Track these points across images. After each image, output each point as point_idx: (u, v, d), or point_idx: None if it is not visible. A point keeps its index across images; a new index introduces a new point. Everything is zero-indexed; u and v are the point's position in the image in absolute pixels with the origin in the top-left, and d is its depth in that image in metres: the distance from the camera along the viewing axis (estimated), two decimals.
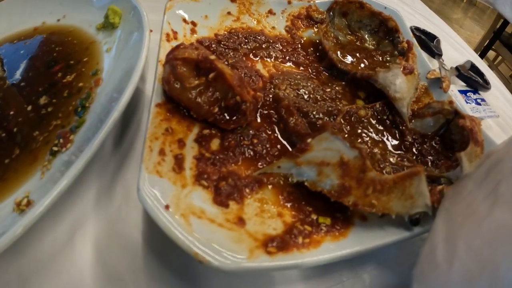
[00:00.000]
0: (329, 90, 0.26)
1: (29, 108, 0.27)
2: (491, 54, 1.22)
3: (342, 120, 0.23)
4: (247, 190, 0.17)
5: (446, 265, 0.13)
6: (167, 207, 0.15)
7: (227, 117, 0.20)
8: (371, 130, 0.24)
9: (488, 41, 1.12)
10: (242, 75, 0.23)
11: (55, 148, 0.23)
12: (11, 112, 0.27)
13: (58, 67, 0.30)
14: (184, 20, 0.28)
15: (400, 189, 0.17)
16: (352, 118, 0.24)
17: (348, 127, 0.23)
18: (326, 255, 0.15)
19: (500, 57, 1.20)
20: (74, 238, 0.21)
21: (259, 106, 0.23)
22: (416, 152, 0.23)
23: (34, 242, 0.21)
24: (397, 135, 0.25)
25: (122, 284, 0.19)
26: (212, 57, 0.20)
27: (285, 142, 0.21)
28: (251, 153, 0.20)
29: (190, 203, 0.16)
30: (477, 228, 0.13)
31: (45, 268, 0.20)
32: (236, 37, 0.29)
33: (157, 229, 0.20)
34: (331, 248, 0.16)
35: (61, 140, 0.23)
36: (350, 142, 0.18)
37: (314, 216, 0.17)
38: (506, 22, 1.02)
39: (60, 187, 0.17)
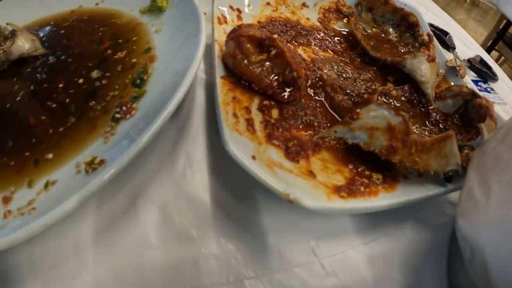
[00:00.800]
0: (363, 74, 0.30)
1: (81, 81, 0.27)
2: (494, 54, 1.23)
3: (378, 98, 0.26)
4: (310, 151, 0.20)
5: (484, 199, 0.16)
6: (253, 157, 0.18)
7: (284, 91, 0.23)
8: (402, 108, 0.27)
9: (491, 41, 1.14)
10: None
11: (117, 115, 0.23)
12: (60, 85, 0.27)
13: (107, 44, 0.31)
14: (231, 7, 0.31)
15: (436, 149, 0.21)
16: (386, 97, 0.27)
17: (383, 105, 0.27)
18: (386, 201, 0.18)
19: (503, 58, 1.22)
20: (137, 203, 0.21)
21: (307, 84, 0.26)
22: (441, 127, 0.27)
23: (92, 209, 0.21)
24: (424, 113, 0.28)
25: (192, 241, 0.20)
26: (275, 36, 0.23)
27: (334, 113, 0.24)
28: (307, 121, 0.23)
29: (269, 157, 0.19)
30: (505, 169, 0.16)
31: (105, 233, 0.20)
32: (277, 24, 0.32)
33: (224, 188, 0.22)
34: (388, 197, 0.19)
35: (123, 108, 0.23)
36: (395, 110, 0.21)
37: (367, 172, 0.20)
38: (509, 23, 1.02)
39: (142, 142, 0.18)
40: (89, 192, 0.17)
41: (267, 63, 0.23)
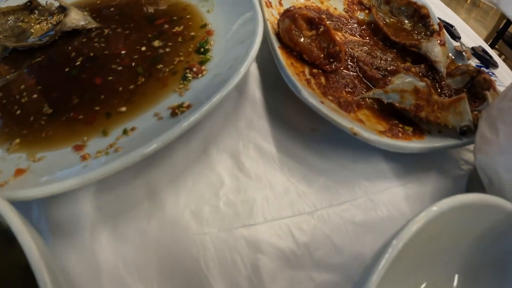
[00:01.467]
0: (386, 54, 0.35)
1: (143, 48, 0.28)
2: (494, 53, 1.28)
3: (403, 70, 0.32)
4: (355, 107, 0.26)
5: (494, 136, 0.21)
6: (322, 102, 0.23)
7: (329, 61, 0.28)
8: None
9: (491, 40, 1.18)
10: None
11: (189, 75, 0.25)
12: (123, 52, 0.28)
13: (162, 20, 0.32)
14: None
15: (453, 107, 0.26)
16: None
17: None
18: (421, 144, 0.24)
19: (503, 56, 1.25)
20: (208, 150, 0.24)
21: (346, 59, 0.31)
22: None
23: (165, 158, 0.23)
24: (438, 88, 0.33)
25: (261, 182, 0.23)
26: (323, 16, 0.28)
27: (368, 83, 0.29)
28: (349, 87, 0.28)
29: (330, 106, 0.23)
30: (508, 114, 0.21)
31: (179, 178, 0.22)
32: (313, 11, 0.37)
33: (284, 137, 0.25)
34: (419, 142, 0.24)
35: (194, 69, 0.25)
36: (419, 77, 0.26)
37: (400, 125, 0.25)
38: (509, 22, 1.06)
39: (224, 92, 0.20)
40: (179, 131, 0.19)
41: (316, 38, 0.28)
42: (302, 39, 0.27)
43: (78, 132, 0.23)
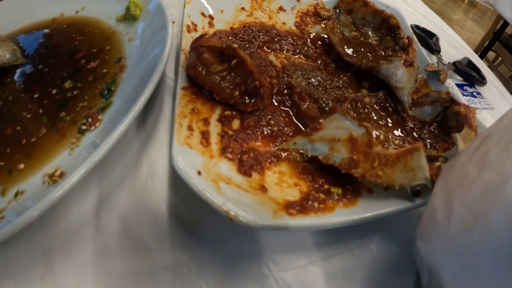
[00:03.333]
0: (336, 80, 0.28)
1: (54, 91, 0.28)
2: (491, 55, 1.23)
3: (349, 106, 0.25)
4: (267, 164, 0.20)
5: (445, 220, 0.15)
6: (199, 172, 0.17)
7: (247, 100, 0.22)
8: (375, 116, 0.26)
9: (488, 41, 1.13)
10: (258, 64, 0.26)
11: (83, 127, 0.25)
12: (35, 95, 0.29)
13: (81, 54, 0.31)
14: (203, 14, 0.31)
15: (402, 163, 0.19)
16: (358, 104, 0.26)
17: (354, 113, 0.26)
18: (339, 218, 0.17)
19: (500, 58, 1.21)
20: (100, 212, 0.22)
21: (274, 92, 0.25)
22: (416, 136, 0.26)
23: (59, 216, 0.22)
24: (399, 121, 0.27)
25: (149, 253, 0.20)
26: (235, 45, 0.22)
27: (298, 123, 0.23)
28: (269, 132, 0.22)
29: (219, 171, 0.18)
30: (469, 189, 0.15)
31: (70, 240, 0.21)
32: (250, 30, 0.31)
33: (182, 201, 0.22)
34: (344, 213, 0.18)
35: (89, 120, 0.25)
36: (358, 121, 0.20)
37: (326, 186, 0.19)
38: (506, 23, 1.02)
39: (97, 156, 0.19)
40: (48, 202, 0.18)
41: (229, 73, 0.22)
42: (209, 77, 0.22)
43: None
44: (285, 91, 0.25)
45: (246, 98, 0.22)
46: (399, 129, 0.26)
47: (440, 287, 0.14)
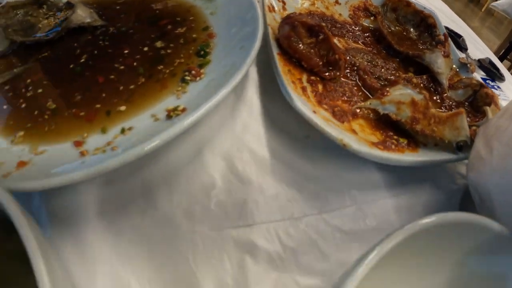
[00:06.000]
0: (389, 63, 0.35)
1: (146, 49, 0.29)
2: (506, 63, 1.27)
3: (403, 82, 0.31)
4: (350, 117, 0.26)
5: (488, 155, 0.21)
6: (314, 112, 0.23)
7: (328, 69, 0.28)
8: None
9: (504, 50, 1.19)
10: None
11: (187, 78, 0.25)
12: (126, 51, 0.29)
13: (166, 21, 0.33)
14: None
15: (450, 122, 0.26)
16: (408, 84, 0.32)
17: None
18: (411, 158, 0.24)
19: None
20: (203, 152, 0.24)
21: (345, 67, 0.31)
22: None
23: (160, 157, 0.23)
24: (438, 100, 0.33)
25: (252, 185, 0.23)
26: (323, 24, 0.28)
27: (366, 92, 0.29)
28: (346, 96, 0.28)
29: (323, 115, 0.24)
30: (504, 133, 0.21)
31: (173, 177, 0.22)
32: (315, 17, 0.37)
33: (280, 142, 0.25)
34: (411, 155, 0.24)
35: (192, 72, 0.26)
36: (419, 89, 0.26)
37: (395, 137, 0.26)
38: None
39: (218, 96, 0.20)
40: (173, 133, 0.19)
41: (316, 45, 0.28)
42: (301, 46, 0.27)
43: (79, 128, 0.24)
44: (353, 68, 0.31)
45: (328, 67, 0.28)
46: (440, 107, 0.32)
47: (490, 206, 0.20)
